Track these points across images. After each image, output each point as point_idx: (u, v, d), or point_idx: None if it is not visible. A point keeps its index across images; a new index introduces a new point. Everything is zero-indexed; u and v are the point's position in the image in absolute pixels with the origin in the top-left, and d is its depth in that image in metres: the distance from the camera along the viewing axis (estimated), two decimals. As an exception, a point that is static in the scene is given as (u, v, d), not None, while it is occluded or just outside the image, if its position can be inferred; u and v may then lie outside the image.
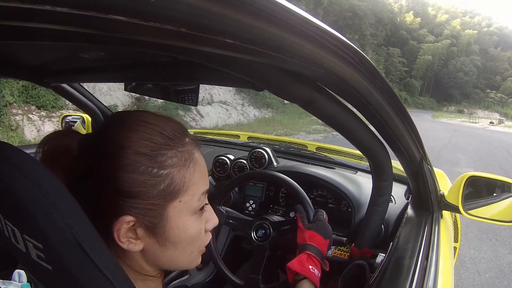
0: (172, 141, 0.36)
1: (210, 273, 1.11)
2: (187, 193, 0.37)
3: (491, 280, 2.34)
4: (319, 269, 0.71)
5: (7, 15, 0.18)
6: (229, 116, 10.43)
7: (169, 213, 0.36)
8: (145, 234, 0.36)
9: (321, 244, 0.74)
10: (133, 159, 0.34)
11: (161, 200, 0.35)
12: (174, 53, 0.32)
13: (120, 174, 0.34)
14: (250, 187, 1.16)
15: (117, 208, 0.34)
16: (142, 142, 0.35)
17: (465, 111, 40.89)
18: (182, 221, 0.37)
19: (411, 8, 49.58)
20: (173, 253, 0.38)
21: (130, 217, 0.34)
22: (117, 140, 0.35)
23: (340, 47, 0.34)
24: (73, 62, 0.66)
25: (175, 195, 0.36)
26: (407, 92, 38.18)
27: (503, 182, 0.93)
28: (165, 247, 0.37)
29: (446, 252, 0.81)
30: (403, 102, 0.55)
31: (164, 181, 0.35)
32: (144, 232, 0.36)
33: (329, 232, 0.77)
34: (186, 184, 0.37)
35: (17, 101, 5.40)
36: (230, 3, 0.22)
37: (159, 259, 0.38)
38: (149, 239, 0.36)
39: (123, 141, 0.35)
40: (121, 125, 0.36)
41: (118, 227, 0.35)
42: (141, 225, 0.35)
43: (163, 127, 0.37)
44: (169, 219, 0.36)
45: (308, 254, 0.72)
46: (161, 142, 0.36)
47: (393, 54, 36.13)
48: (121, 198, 0.34)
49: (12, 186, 0.29)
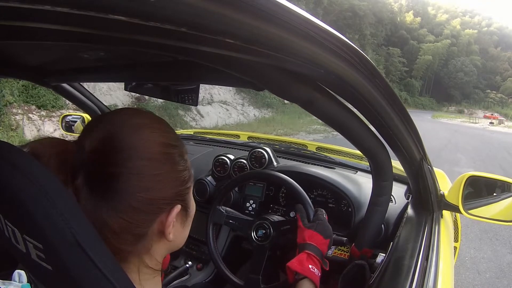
0: (178, 138, 0.41)
1: (210, 273, 1.11)
2: (191, 177, 0.42)
3: (491, 280, 2.34)
4: (319, 268, 0.71)
5: (7, 15, 0.18)
6: (229, 116, 10.44)
7: (190, 194, 0.41)
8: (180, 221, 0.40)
9: (321, 244, 0.74)
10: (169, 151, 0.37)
11: (190, 183, 0.40)
12: (174, 53, 0.32)
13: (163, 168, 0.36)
14: (250, 187, 1.16)
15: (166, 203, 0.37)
16: (165, 135, 0.38)
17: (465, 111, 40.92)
18: (192, 200, 0.43)
19: (411, 8, 49.61)
20: (187, 230, 0.43)
21: (179, 205, 0.38)
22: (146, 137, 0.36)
23: (340, 47, 0.34)
24: (73, 62, 0.66)
25: (191, 177, 0.41)
26: (407, 92, 38.22)
27: (503, 182, 0.92)
28: (184, 227, 0.42)
29: (446, 252, 0.81)
30: (403, 102, 0.55)
31: (189, 166, 0.40)
32: (180, 218, 0.40)
33: (329, 231, 0.77)
34: (191, 170, 0.42)
35: (17, 100, 5.40)
36: (230, 3, 0.22)
37: (177, 240, 0.42)
38: (178, 224, 0.40)
39: (152, 137, 0.37)
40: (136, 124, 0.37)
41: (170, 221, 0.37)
42: (181, 211, 0.39)
43: (163, 121, 0.41)
44: (190, 198, 0.42)
45: (308, 254, 0.71)
46: (174, 133, 0.40)
47: (393, 54, 36.17)
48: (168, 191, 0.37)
49: (12, 186, 0.29)
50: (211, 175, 1.23)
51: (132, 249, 0.36)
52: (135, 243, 0.36)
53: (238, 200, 1.14)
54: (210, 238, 0.94)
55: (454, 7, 60.67)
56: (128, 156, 0.34)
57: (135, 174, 0.34)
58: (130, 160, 0.34)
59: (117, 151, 0.35)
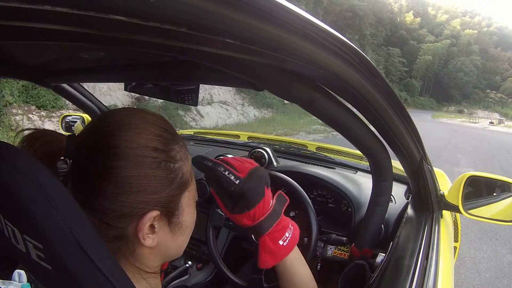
0: (175, 135, 0.39)
1: (210, 273, 1.11)
2: (191, 182, 0.41)
3: (491, 280, 2.34)
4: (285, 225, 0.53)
5: (7, 15, 0.18)
6: (229, 116, 10.44)
7: (182, 202, 0.39)
8: (162, 227, 0.38)
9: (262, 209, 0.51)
10: (154, 155, 0.36)
11: (178, 191, 0.38)
12: (174, 53, 0.32)
13: (140, 172, 0.35)
14: (250, 187, 1.15)
15: (138, 204, 0.35)
16: (155, 138, 0.37)
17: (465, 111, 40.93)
18: (189, 208, 0.41)
19: (411, 8, 49.61)
20: (180, 240, 0.41)
21: (155, 211, 0.36)
22: (131, 138, 0.35)
23: (340, 47, 0.34)
24: (73, 62, 0.66)
25: (185, 185, 0.39)
26: (407, 92, 38.23)
27: (503, 181, 0.92)
28: (175, 235, 0.40)
29: (446, 252, 0.81)
30: (403, 102, 0.55)
31: (179, 174, 0.38)
32: (162, 224, 0.38)
33: (258, 188, 0.51)
34: (190, 175, 0.40)
35: (17, 101, 5.40)
36: (230, 3, 0.22)
37: (169, 249, 0.40)
38: (163, 231, 0.38)
39: (138, 139, 0.35)
40: (126, 124, 0.36)
41: (142, 223, 0.35)
42: (161, 218, 0.37)
43: (163, 123, 0.39)
44: (183, 208, 0.40)
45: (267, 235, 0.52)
46: (169, 137, 0.38)
47: (393, 54, 36.17)
48: (146, 196, 0.35)
49: (12, 186, 0.29)
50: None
51: (113, 247, 0.37)
52: (115, 242, 0.37)
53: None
54: (210, 239, 0.94)
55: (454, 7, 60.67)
56: (106, 155, 0.34)
57: (111, 174, 0.34)
58: (107, 159, 0.34)
59: (98, 148, 0.35)
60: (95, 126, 0.38)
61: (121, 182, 0.34)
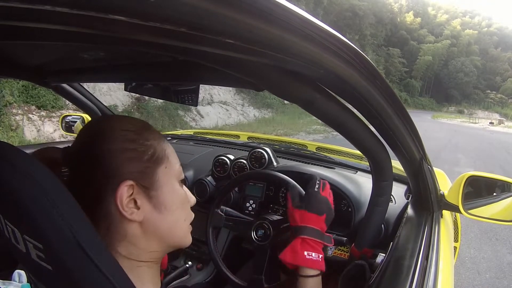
0: (147, 126, 0.43)
1: (210, 273, 1.11)
2: (169, 161, 0.42)
3: (491, 280, 2.34)
4: (320, 251, 0.65)
5: (7, 15, 0.18)
6: (229, 116, 10.44)
7: (159, 177, 0.40)
8: (144, 201, 0.39)
9: (316, 222, 0.66)
10: (123, 134, 0.39)
11: (151, 163, 0.40)
12: (174, 53, 0.32)
13: (113, 147, 0.38)
14: (250, 187, 1.15)
15: (115, 178, 0.37)
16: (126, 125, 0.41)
17: (465, 111, 40.92)
18: (171, 185, 0.42)
19: (411, 8, 49.58)
20: (170, 219, 0.41)
21: (129, 181, 0.37)
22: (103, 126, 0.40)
23: (340, 47, 0.34)
24: (73, 62, 0.66)
25: (160, 161, 0.41)
26: (407, 93, 38.23)
27: (503, 181, 0.92)
28: (163, 214, 0.40)
29: (446, 252, 0.81)
30: (403, 103, 0.55)
31: (149, 150, 0.40)
32: (143, 198, 0.39)
33: (323, 205, 0.68)
34: (167, 154, 0.42)
35: (17, 101, 5.40)
36: (230, 3, 0.22)
37: (159, 228, 0.41)
38: (148, 206, 0.39)
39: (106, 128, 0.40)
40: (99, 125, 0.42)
41: (120, 195, 0.37)
42: (139, 191, 0.38)
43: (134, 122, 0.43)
44: (161, 183, 0.40)
45: (303, 239, 0.64)
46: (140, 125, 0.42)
47: (393, 54, 36.17)
48: (118, 167, 0.37)
49: (12, 186, 0.29)
50: (211, 175, 1.23)
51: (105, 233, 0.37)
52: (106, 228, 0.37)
53: (238, 200, 1.14)
54: (210, 239, 0.94)
55: (454, 8, 60.65)
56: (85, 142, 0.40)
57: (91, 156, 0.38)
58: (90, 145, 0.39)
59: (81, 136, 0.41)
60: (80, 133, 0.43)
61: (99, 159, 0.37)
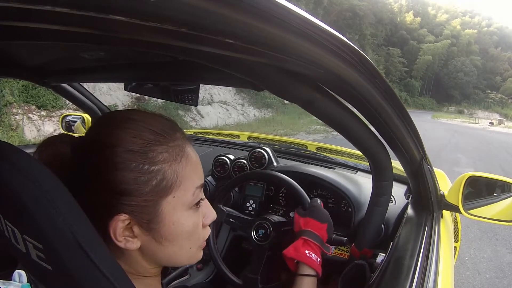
0: (162, 137, 0.36)
1: (210, 273, 1.11)
2: (181, 188, 0.37)
3: (491, 280, 2.34)
4: (318, 254, 0.71)
5: (7, 15, 0.18)
6: (229, 116, 10.44)
7: (163, 209, 0.36)
8: (141, 232, 0.36)
9: (318, 229, 0.74)
10: (124, 157, 0.34)
11: (154, 196, 0.35)
12: (174, 53, 0.32)
13: (111, 173, 0.34)
14: (250, 187, 1.16)
15: (111, 207, 0.34)
16: (131, 139, 0.35)
17: (465, 111, 40.91)
18: (177, 216, 0.37)
19: (411, 8, 49.57)
20: (171, 250, 0.38)
21: (124, 215, 0.34)
22: (107, 139, 0.35)
23: (340, 47, 0.34)
24: (73, 62, 0.66)
25: (168, 190, 0.36)
26: (407, 93, 38.21)
27: (503, 182, 0.93)
28: (162, 245, 0.37)
29: (446, 252, 0.81)
30: (403, 102, 0.55)
31: (156, 177, 0.35)
32: (140, 229, 0.36)
33: (325, 216, 0.77)
34: (179, 179, 0.36)
35: (17, 100, 5.40)
36: (230, 3, 0.22)
37: (158, 256, 0.38)
38: (146, 237, 0.36)
39: (113, 139, 0.34)
40: (109, 124, 0.37)
41: (114, 226, 0.34)
42: (136, 223, 0.35)
43: (151, 123, 0.37)
44: (164, 215, 0.36)
45: (304, 239, 0.71)
46: (151, 138, 0.35)
47: (393, 54, 36.15)
48: (115, 197, 0.34)
49: (12, 186, 0.29)
50: (211, 175, 1.23)
51: None
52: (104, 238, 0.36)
53: (238, 200, 1.14)
54: (210, 239, 0.94)
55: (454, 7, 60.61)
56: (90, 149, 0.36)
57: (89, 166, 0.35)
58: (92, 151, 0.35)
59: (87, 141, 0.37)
60: (90, 127, 0.39)
61: (97, 181, 0.34)
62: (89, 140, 0.37)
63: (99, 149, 0.35)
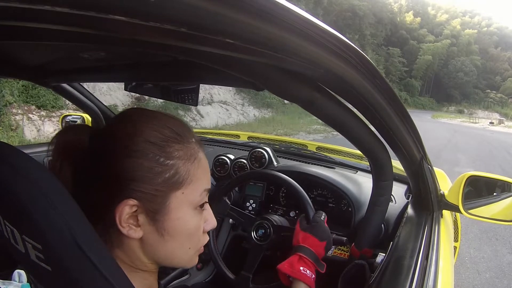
0: (180, 137, 0.38)
1: (210, 273, 1.11)
2: (190, 186, 0.38)
3: (491, 280, 2.34)
4: (312, 270, 0.70)
5: (7, 15, 0.18)
6: (229, 116, 10.43)
7: (171, 202, 0.37)
8: (146, 221, 0.37)
9: (315, 246, 0.73)
10: (143, 146, 0.36)
11: (165, 187, 0.37)
12: (174, 53, 0.32)
13: (128, 160, 0.35)
14: (250, 187, 1.16)
15: (122, 191, 0.35)
16: (152, 132, 0.37)
17: (465, 111, 40.89)
18: (182, 212, 0.38)
19: (411, 8, 49.53)
20: (171, 246, 0.39)
21: (133, 200, 0.35)
22: (128, 129, 0.37)
23: (340, 47, 0.34)
24: (73, 62, 0.66)
25: (178, 185, 0.37)
26: (407, 92, 38.18)
27: (503, 181, 0.92)
28: (164, 239, 0.38)
29: (446, 252, 0.81)
30: (403, 102, 0.55)
31: (169, 171, 0.37)
32: (145, 218, 0.37)
33: (326, 234, 0.76)
34: (190, 177, 0.38)
35: (17, 100, 5.40)
36: (230, 3, 0.22)
37: (157, 250, 0.39)
38: (149, 227, 0.37)
39: (134, 130, 0.37)
40: (133, 117, 0.39)
41: (120, 211, 0.35)
42: (143, 211, 0.36)
43: (172, 123, 0.39)
44: (171, 208, 0.37)
45: (300, 256, 0.71)
46: (170, 136, 0.38)
47: (393, 54, 36.12)
48: (127, 182, 0.35)
49: (12, 186, 0.29)
50: (211, 175, 1.23)
51: (105, 233, 0.37)
52: (106, 229, 0.37)
53: (238, 200, 1.15)
54: (210, 239, 0.94)
55: (454, 7, 60.58)
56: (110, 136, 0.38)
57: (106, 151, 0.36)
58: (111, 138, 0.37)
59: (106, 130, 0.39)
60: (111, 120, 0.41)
61: (113, 166, 0.36)
62: (109, 129, 0.39)
63: (120, 137, 0.37)
